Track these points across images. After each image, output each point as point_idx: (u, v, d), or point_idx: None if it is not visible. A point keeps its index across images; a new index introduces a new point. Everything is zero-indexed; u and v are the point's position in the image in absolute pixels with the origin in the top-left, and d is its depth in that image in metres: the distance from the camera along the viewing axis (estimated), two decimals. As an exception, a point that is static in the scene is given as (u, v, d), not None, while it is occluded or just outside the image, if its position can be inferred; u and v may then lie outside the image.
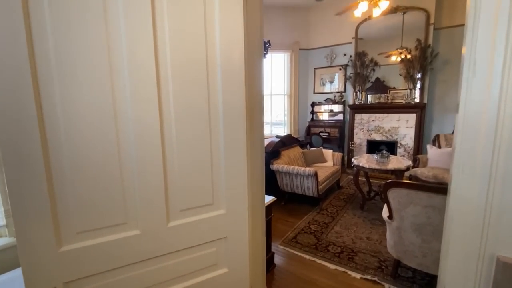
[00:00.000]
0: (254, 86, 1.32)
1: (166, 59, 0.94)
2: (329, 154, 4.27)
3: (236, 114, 1.12)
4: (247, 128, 1.23)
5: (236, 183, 1.17)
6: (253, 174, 1.32)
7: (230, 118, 1.11)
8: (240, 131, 1.15)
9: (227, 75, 1.07)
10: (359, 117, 5.31)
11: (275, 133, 6.43)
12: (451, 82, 4.71)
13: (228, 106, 1.10)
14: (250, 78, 1.26)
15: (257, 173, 1.37)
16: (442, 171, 3.84)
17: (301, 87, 6.38)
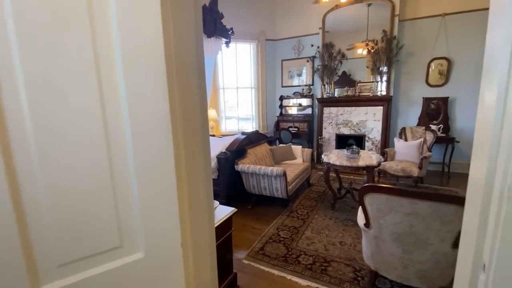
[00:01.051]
0: (189, 78, 0.92)
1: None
2: (299, 151, 4.02)
3: (152, 118, 0.73)
4: (180, 134, 0.85)
5: (160, 210, 0.79)
6: (192, 194, 0.94)
7: (144, 124, 0.72)
8: (162, 140, 0.76)
9: (133, 64, 0.68)
10: (327, 111, 5.16)
11: (244, 129, 6.07)
12: (414, 75, 4.73)
13: (139, 108, 0.70)
14: (181, 68, 0.86)
15: (199, 191, 0.99)
16: (410, 164, 3.81)
17: (269, 80, 6.07)
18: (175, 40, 0.81)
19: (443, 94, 4.52)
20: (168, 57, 0.77)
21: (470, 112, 4.41)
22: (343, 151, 3.44)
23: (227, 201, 3.26)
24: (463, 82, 4.40)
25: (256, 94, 6.05)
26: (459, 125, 4.52)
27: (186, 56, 0.87)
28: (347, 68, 5.06)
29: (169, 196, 0.81)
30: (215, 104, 5.75)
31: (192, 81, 0.91)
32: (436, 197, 1.30)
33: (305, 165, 3.77)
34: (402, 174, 3.78)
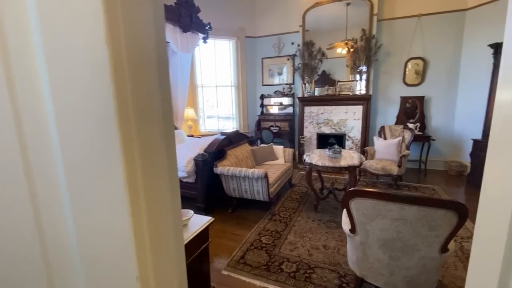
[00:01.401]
0: (147, 73, 0.75)
1: None
2: (280, 151, 3.92)
3: (91, 121, 0.56)
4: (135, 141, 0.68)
5: (107, 238, 0.61)
6: (153, 211, 0.77)
7: (77, 127, 0.54)
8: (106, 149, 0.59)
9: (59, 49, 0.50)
10: (308, 110, 5.11)
11: (225, 129, 5.88)
12: (392, 74, 4.81)
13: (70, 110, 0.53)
14: (135, 61, 0.69)
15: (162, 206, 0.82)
16: (390, 163, 3.84)
17: (249, 78, 5.92)
18: (125, 25, 0.64)
19: (419, 93, 4.63)
20: (115, 46, 0.60)
21: (444, 111, 4.55)
22: (325, 151, 3.38)
23: (206, 206, 3.08)
24: (437, 82, 4.53)
25: (236, 92, 5.89)
26: (434, 124, 4.65)
27: (142, 47, 0.70)
28: (327, 67, 5.05)
29: (120, 217, 0.64)
30: (193, 103, 5.51)
31: (151, 78, 0.74)
32: (425, 202, 1.23)
33: (287, 165, 3.67)
34: (382, 172, 3.81)
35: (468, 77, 4.26)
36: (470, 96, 4.23)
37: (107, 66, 0.57)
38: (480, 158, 3.74)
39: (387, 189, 3.69)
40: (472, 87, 4.19)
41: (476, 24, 4.09)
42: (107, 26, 0.56)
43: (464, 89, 4.35)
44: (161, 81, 0.77)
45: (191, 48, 4.08)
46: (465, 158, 4.34)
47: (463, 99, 4.37)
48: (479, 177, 3.83)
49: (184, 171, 2.96)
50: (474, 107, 4.15)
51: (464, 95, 4.34)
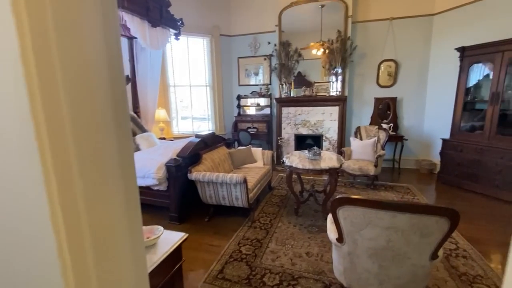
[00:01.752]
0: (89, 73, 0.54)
1: None
2: (259, 153, 3.78)
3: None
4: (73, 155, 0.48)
5: None
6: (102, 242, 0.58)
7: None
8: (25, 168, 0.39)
9: None
10: (286, 110, 5.04)
11: (200, 130, 5.62)
12: (366, 76, 4.90)
13: None
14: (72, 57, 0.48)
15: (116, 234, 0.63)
16: (366, 163, 3.87)
17: (225, 78, 5.72)
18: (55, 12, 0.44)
19: (392, 94, 4.77)
20: (38, 34, 0.41)
21: (415, 111, 4.73)
22: (304, 152, 3.30)
23: (179, 216, 2.84)
24: (408, 83, 4.69)
25: (212, 92, 5.65)
26: (406, 124, 4.81)
27: (82, 40, 0.50)
28: (302, 68, 5.02)
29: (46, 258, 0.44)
30: (165, 103, 5.18)
31: (95, 77, 0.54)
32: (418, 209, 1.15)
33: (266, 168, 3.54)
34: (360, 172, 3.83)
35: (436, 79, 4.46)
36: (438, 98, 4.43)
37: (18, 65, 0.38)
38: (449, 157, 3.91)
39: (370, 193, 3.72)
40: (440, 89, 4.38)
41: (442, 28, 4.29)
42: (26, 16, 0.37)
43: (432, 91, 4.54)
44: (113, 84, 0.58)
45: (161, 44, 3.80)
46: (435, 156, 4.53)
47: (431, 100, 4.56)
48: (448, 175, 4.02)
49: (154, 178, 2.70)
50: (442, 108, 4.35)
51: (433, 97, 4.54)
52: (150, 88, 4.46)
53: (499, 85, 3.36)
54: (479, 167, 3.53)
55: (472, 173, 3.62)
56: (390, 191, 3.70)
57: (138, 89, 4.44)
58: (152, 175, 2.70)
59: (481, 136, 3.57)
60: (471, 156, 3.62)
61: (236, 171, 3.40)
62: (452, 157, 3.86)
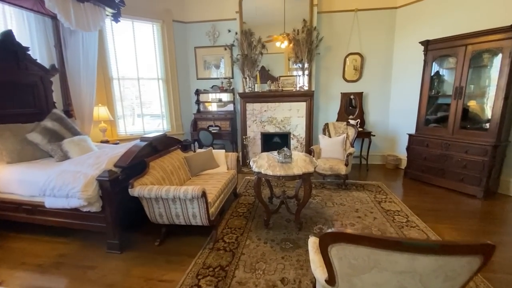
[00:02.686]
0: None
1: None
2: (222, 156, 3.28)
3: None
4: None
5: None
6: None
7: None
8: None
9: None
10: (251, 107, 4.60)
11: (154, 131, 4.89)
12: (333, 69, 4.69)
13: None
14: None
15: None
16: (337, 162, 3.63)
17: (181, 70, 5.06)
18: None
19: (358, 89, 4.63)
20: None
21: (380, 106, 4.66)
22: (273, 154, 2.90)
23: (120, 242, 2.23)
24: (373, 78, 4.59)
25: (165, 87, 4.96)
26: (372, 119, 4.73)
27: None
28: (266, 63, 4.63)
29: None
30: (108, 100, 4.36)
31: None
32: (448, 250, 0.79)
33: (230, 173, 3.07)
34: (330, 172, 3.58)
35: (400, 74, 4.42)
36: (403, 92, 4.40)
37: None
38: (415, 152, 3.88)
39: (343, 194, 3.47)
40: (404, 83, 4.35)
41: (406, 22, 4.23)
42: None
43: (396, 86, 4.50)
44: None
45: (93, 25, 3.05)
46: (401, 151, 4.52)
47: (396, 95, 4.53)
48: (415, 170, 3.98)
49: (81, 197, 2.04)
50: (406, 103, 4.33)
51: (397, 91, 4.50)
52: (85, 80, 3.64)
53: (462, 79, 3.35)
54: (445, 161, 3.52)
55: (438, 168, 3.61)
56: (362, 190, 3.52)
57: (69, 82, 3.59)
58: (77, 194, 2.04)
59: (446, 131, 3.56)
60: (437, 150, 3.60)
61: (195, 180, 2.87)
62: (419, 152, 3.83)
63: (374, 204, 3.06)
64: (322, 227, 2.52)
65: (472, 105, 3.46)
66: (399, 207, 2.98)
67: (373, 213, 2.83)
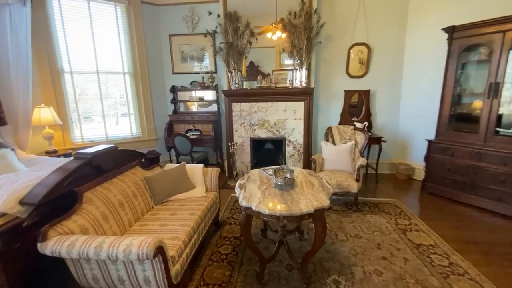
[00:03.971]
0: None
1: None
2: (198, 173, 2.48)
3: None
4: None
5: None
6: None
7: None
8: None
9: None
10: (237, 107, 3.82)
11: (119, 136, 4.03)
12: (335, 63, 3.97)
13: None
14: None
15: None
16: (345, 176, 2.91)
17: (153, 63, 4.21)
18: None
19: (364, 86, 3.94)
20: None
21: (389, 106, 3.99)
22: (267, 172, 2.14)
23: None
24: (381, 73, 3.91)
25: (134, 82, 4.08)
26: (379, 122, 4.06)
27: None
28: (255, 58, 3.86)
29: None
30: (56, 98, 3.45)
31: None
32: None
33: (210, 198, 2.28)
34: (338, 190, 2.86)
35: (413, 68, 3.75)
36: (416, 90, 3.74)
37: None
38: (437, 162, 3.22)
39: (355, 219, 2.74)
40: (419, 79, 3.69)
41: (422, 4, 3.55)
42: None
43: (409, 82, 3.83)
44: None
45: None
46: (413, 159, 3.88)
47: (408, 93, 3.86)
48: (436, 183, 2.47)
49: None
50: (421, 102, 3.67)
51: (410, 89, 3.83)
52: (16, 72, 2.75)
53: (499, 74, 2.70)
54: (476, 175, 2.87)
55: (467, 182, 2.96)
56: (377, 212, 2.81)
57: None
58: None
59: (476, 137, 2.91)
60: (465, 161, 2.95)
61: (159, 211, 2.06)
62: (441, 162, 3.17)
63: (399, 235, 2.35)
64: (339, 280, 1.78)
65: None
66: (431, 238, 2.29)
67: (400, 250, 2.12)
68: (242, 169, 3.99)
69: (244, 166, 3.98)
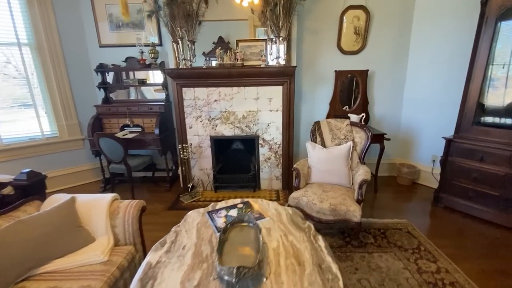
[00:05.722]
0: None
1: None
2: (101, 213, 1.43)
3: None
4: None
5: None
6: None
7: None
8: None
9: None
10: (190, 94, 2.73)
11: (15, 136, 2.81)
12: (323, 35, 2.96)
13: None
14: None
15: None
16: (342, 195, 2.01)
17: (67, 30, 2.93)
18: None
19: (361, 65, 3.00)
20: None
21: (391, 92, 3.11)
22: (214, 222, 1.17)
23: None
24: (383, 47, 2.97)
25: (39, 58, 2.81)
26: (377, 112, 3.18)
27: None
28: (225, 32, 2.74)
29: None
30: None
31: None
32: None
33: (116, 265, 1.25)
34: (333, 217, 1.96)
35: (424, 40, 2.85)
36: (427, 71, 2.86)
37: None
38: (458, 168, 2.41)
39: (361, 266, 1.84)
40: (431, 56, 2.80)
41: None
42: None
43: (417, 60, 2.94)
44: None
45: None
46: (418, 160, 3.09)
47: (416, 74, 2.98)
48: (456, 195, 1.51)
49: None
50: (432, 87, 2.82)
51: (418, 69, 2.95)
52: None
53: (561, 45, 1.85)
54: (516, 188, 2.10)
55: (503, 198, 2.18)
56: (387, 248, 1.96)
57: None
58: None
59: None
60: (502, 169, 2.16)
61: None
62: (464, 169, 2.36)
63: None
64: None
65: None
66: (479, 302, 1.47)
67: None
68: (202, 178, 2.97)
69: (204, 174, 2.96)
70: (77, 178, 3.21)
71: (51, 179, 3.02)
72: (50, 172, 3.02)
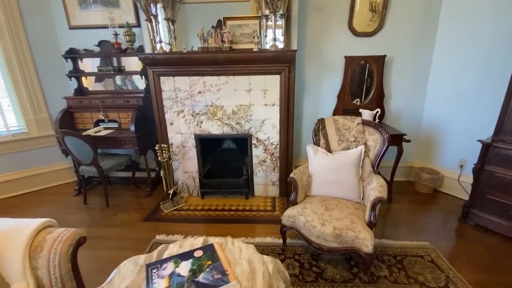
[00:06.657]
0: None
1: None
2: (17, 250, 1.05)
3: None
4: None
5: None
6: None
7: None
8: None
9: None
10: (170, 85, 2.29)
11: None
12: (331, 12, 2.45)
13: None
14: None
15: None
16: (349, 216, 1.57)
17: (28, 8, 2.52)
18: None
19: (376, 50, 2.48)
20: None
21: (412, 84, 2.59)
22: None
23: None
24: (404, 28, 2.44)
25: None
26: (394, 107, 2.68)
27: None
28: (224, 15, 2.21)
29: None
30: None
31: None
32: None
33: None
34: (337, 244, 1.54)
35: (457, 19, 2.30)
36: (459, 59, 2.33)
37: None
38: (498, 180, 1.93)
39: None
40: (465, 40, 2.26)
41: None
42: None
43: (446, 44, 2.40)
44: None
45: None
46: (441, 164, 2.61)
47: (443, 62, 2.45)
48: (491, 213, 1.48)
49: None
50: (464, 78, 2.30)
51: (447, 56, 2.42)
52: None
53: None
54: None
55: (556, 221, 1.72)
56: (407, 286, 1.54)
57: None
58: None
59: None
60: (557, 184, 1.67)
61: None
62: (507, 181, 1.89)
63: None
64: None
65: None
66: None
67: None
68: (187, 183, 2.59)
69: (189, 178, 2.57)
70: (51, 179, 2.87)
71: (21, 180, 2.70)
72: (19, 173, 2.70)
